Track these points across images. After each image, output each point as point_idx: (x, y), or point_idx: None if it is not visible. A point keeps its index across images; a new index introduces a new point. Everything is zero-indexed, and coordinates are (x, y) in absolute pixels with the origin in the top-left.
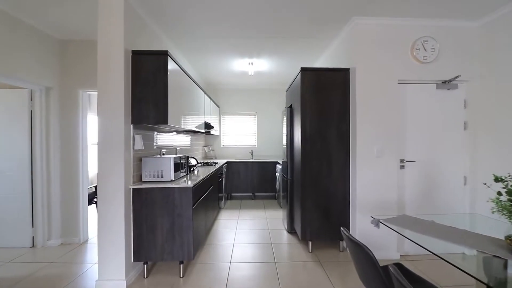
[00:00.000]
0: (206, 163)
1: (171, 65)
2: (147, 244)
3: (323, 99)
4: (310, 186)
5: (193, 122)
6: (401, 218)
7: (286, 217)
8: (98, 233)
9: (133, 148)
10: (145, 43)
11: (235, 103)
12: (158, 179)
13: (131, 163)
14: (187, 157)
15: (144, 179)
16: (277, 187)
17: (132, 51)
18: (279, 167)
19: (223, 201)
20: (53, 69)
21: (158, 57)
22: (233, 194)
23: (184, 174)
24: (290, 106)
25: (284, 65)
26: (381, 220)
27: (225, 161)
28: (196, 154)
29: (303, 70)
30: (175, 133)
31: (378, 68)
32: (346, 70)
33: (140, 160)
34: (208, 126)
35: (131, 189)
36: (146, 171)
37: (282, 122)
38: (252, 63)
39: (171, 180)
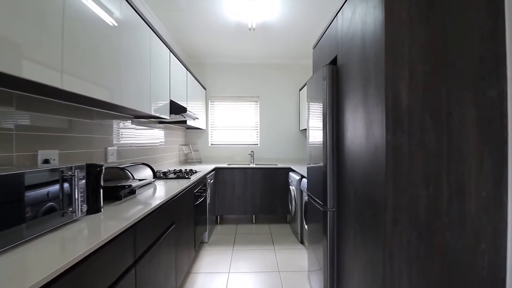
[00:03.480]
0: (178, 172)
1: None
2: None
3: (437, 26)
4: (409, 239)
5: (139, 97)
6: None
7: (322, 273)
8: None
9: None
10: None
11: (228, 83)
12: None
13: None
14: (98, 169)
15: None
16: (292, 206)
17: None
18: (294, 177)
19: (207, 231)
20: None
21: None
22: (225, 217)
23: (84, 213)
24: (333, 62)
25: (307, 7)
26: None
27: (212, 167)
28: (167, 157)
29: None
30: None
31: None
32: None
33: None
34: (177, 108)
35: None
36: None
37: (298, 108)
38: None
39: None
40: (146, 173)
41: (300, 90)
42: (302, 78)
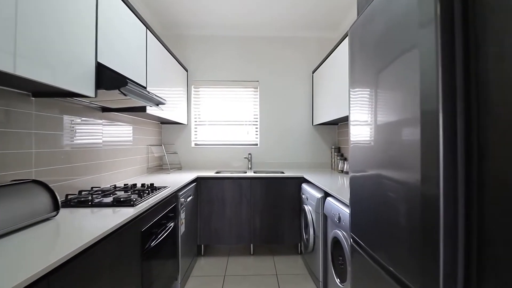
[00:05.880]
0: (131, 189)
1: None
2: None
3: None
4: None
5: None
6: None
7: None
8: None
9: None
10: None
11: (218, 63)
12: None
13: None
14: None
15: None
16: (308, 236)
17: None
18: (311, 192)
19: (179, 279)
20: None
21: None
22: (213, 247)
23: None
24: None
25: None
26: None
27: (193, 176)
28: (128, 163)
29: None
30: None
31: None
32: None
33: None
34: (112, 80)
35: None
36: None
37: (311, 96)
38: None
39: None
40: (35, 203)
41: (314, 72)
42: (317, 57)
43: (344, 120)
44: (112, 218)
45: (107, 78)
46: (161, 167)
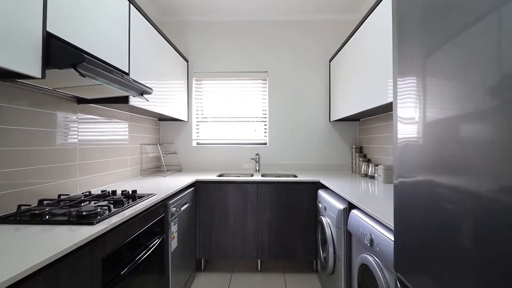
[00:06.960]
0: (104, 199)
1: None
2: None
3: None
4: None
5: None
6: None
7: None
8: None
9: None
10: None
11: (221, 54)
12: None
13: None
14: None
15: None
16: (327, 255)
17: None
18: (330, 202)
19: None
20: None
21: None
22: (213, 262)
23: None
24: None
25: None
26: None
27: (191, 180)
28: (118, 164)
29: None
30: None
31: None
32: None
33: None
34: (67, 55)
35: None
36: None
37: (328, 88)
38: None
39: None
40: None
41: (331, 61)
42: (334, 43)
43: (369, 115)
44: (60, 242)
45: (57, 52)
46: (158, 169)
